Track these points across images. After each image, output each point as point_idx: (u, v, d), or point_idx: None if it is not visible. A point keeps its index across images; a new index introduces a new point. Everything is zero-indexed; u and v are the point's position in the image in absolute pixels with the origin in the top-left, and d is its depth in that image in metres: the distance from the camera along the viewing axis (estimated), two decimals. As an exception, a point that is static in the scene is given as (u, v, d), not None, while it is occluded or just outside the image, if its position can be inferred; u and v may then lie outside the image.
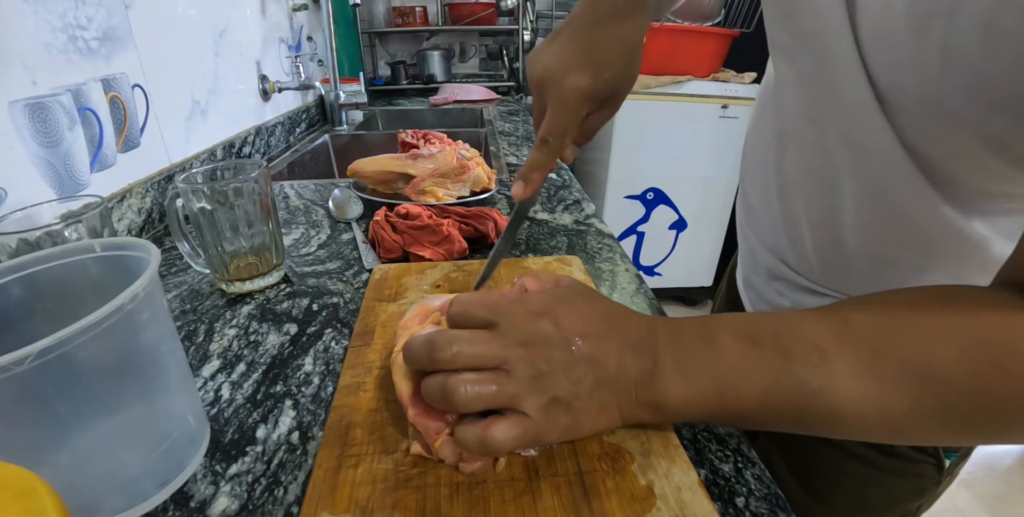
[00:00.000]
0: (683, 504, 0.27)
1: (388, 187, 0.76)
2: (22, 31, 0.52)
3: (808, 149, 0.41)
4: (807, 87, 0.38)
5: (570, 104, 0.38)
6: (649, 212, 2.01)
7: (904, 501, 0.50)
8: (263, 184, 0.50)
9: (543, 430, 0.28)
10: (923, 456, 0.47)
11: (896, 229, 0.38)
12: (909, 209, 0.36)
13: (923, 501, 0.50)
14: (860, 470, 0.49)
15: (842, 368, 0.26)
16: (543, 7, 2.18)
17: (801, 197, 0.44)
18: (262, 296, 0.52)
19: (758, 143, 0.50)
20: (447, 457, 0.30)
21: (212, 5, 0.91)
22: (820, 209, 0.42)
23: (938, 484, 0.49)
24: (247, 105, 1.04)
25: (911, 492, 0.49)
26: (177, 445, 0.31)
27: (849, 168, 0.38)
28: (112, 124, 0.63)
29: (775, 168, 0.46)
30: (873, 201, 0.38)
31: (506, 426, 0.27)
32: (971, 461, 1.49)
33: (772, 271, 0.51)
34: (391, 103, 1.78)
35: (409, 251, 0.58)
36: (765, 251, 0.52)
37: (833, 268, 0.44)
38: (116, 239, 0.32)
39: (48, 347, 0.22)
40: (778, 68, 0.42)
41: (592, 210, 0.73)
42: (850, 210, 0.40)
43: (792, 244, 0.47)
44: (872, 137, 0.35)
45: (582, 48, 0.39)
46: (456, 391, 0.27)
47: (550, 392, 0.28)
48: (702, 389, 0.28)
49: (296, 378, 0.40)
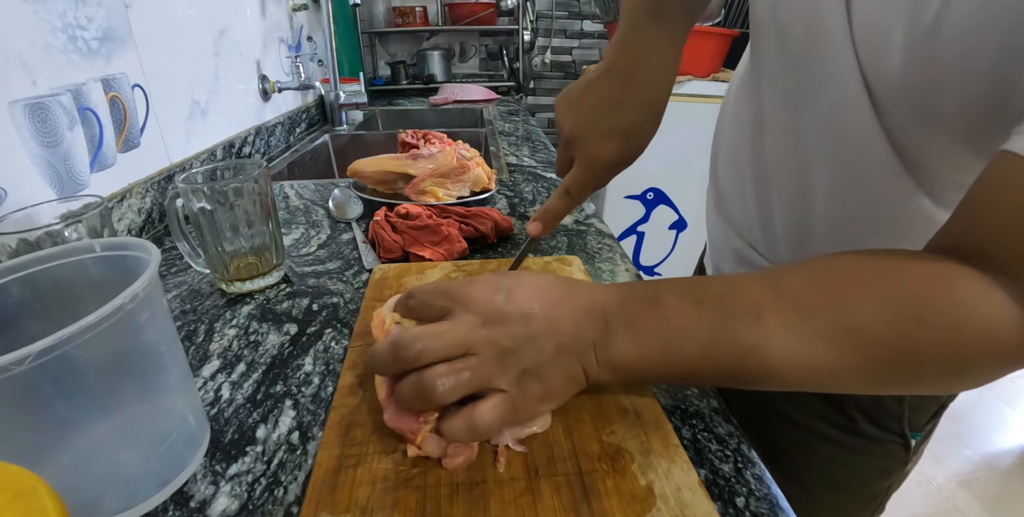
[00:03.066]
0: (683, 504, 0.27)
1: (388, 187, 0.76)
2: (22, 31, 0.52)
3: (786, 135, 0.42)
4: (790, 72, 0.39)
5: (597, 168, 0.42)
6: (649, 212, 2.01)
7: (874, 481, 0.51)
8: (263, 184, 0.50)
9: (519, 402, 0.29)
10: (889, 435, 0.48)
11: (868, 216, 0.40)
12: (882, 196, 0.38)
13: (892, 481, 0.51)
14: (826, 450, 0.50)
15: (775, 326, 0.28)
16: (543, 7, 2.18)
17: (776, 182, 0.45)
18: (262, 296, 0.52)
19: (732, 131, 0.51)
20: (432, 452, 0.30)
21: (212, 5, 0.91)
22: (793, 195, 0.43)
23: (905, 463, 0.50)
24: (247, 105, 1.04)
25: (879, 471, 0.51)
26: (177, 445, 0.31)
27: (827, 154, 0.39)
28: (112, 124, 0.63)
29: (751, 154, 0.47)
30: (847, 187, 0.39)
31: (488, 407, 0.28)
32: (971, 461, 1.49)
33: (740, 255, 0.53)
34: (391, 103, 1.78)
35: (409, 251, 0.58)
36: (735, 236, 0.53)
37: (801, 253, 0.46)
38: (116, 239, 0.32)
39: (48, 347, 0.22)
40: (760, 54, 0.43)
41: (592, 210, 0.73)
42: (823, 195, 0.41)
43: (763, 229, 0.48)
44: (854, 122, 0.36)
45: (613, 110, 0.41)
46: (433, 387, 0.28)
47: (518, 365, 0.29)
48: (650, 349, 0.29)
49: (296, 378, 0.40)
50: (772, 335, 0.28)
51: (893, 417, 0.47)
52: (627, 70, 0.41)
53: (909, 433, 0.48)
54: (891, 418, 0.47)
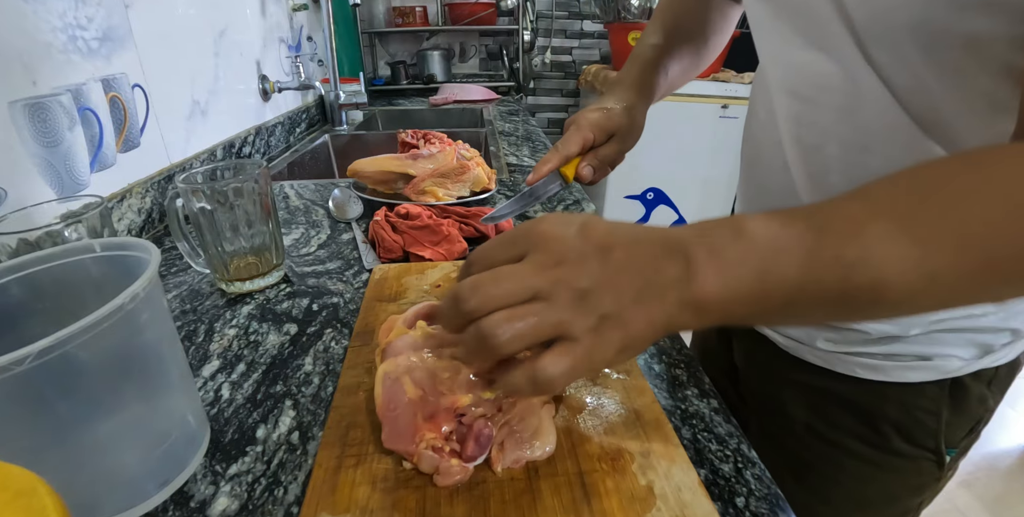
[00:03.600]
0: (683, 504, 0.27)
1: (388, 187, 0.76)
2: (22, 31, 0.52)
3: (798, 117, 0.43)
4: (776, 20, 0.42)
5: (581, 126, 0.50)
6: (649, 212, 2.01)
7: (905, 498, 0.50)
8: (263, 184, 0.50)
9: (595, 352, 0.25)
10: (922, 452, 0.46)
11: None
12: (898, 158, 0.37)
13: (924, 497, 0.50)
14: (858, 468, 0.48)
15: (879, 235, 0.24)
16: (543, 7, 2.18)
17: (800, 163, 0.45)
18: (262, 296, 0.52)
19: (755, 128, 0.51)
20: (428, 471, 0.30)
21: (212, 5, 0.91)
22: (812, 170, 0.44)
23: (938, 480, 0.48)
24: (247, 105, 1.04)
25: (911, 489, 0.49)
26: (177, 445, 0.31)
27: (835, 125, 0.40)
28: (112, 124, 0.63)
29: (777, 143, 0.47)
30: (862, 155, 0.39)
31: (554, 357, 0.25)
32: (971, 461, 1.48)
33: None
34: (391, 103, 1.78)
35: (409, 251, 0.58)
36: None
37: None
38: (116, 239, 0.32)
39: (48, 347, 0.22)
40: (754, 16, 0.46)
41: (592, 210, 0.73)
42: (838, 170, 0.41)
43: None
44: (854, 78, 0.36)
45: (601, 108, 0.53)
46: (492, 335, 0.24)
47: (598, 310, 0.25)
48: (740, 281, 0.26)
49: (296, 378, 0.40)
50: (878, 246, 0.24)
51: (928, 433, 0.46)
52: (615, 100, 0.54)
53: (944, 449, 0.46)
54: (926, 434, 0.46)
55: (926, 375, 0.44)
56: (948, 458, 0.47)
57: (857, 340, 0.45)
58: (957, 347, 0.44)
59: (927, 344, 0.44)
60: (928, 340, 0.44)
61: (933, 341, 0.44)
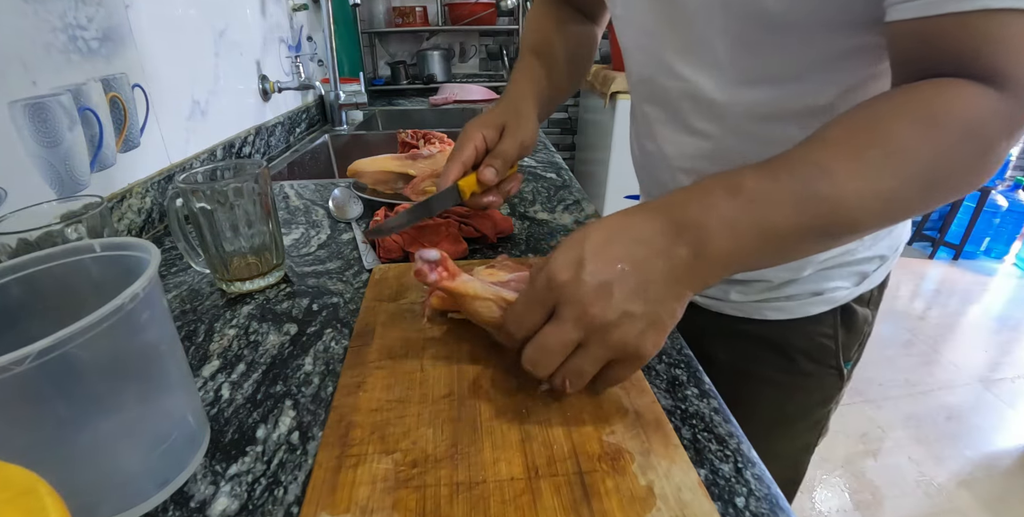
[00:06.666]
0: (683, 504, 0.27)
1: (388, 187, 0.76)
2: (22, 31, 0.52)
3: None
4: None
5: (466, 132, 0.51)
6: (649, 212, 2.00)
7: (816, 409, 0.60)
8: (263, 184, 0.50)
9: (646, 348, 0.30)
10: (826, 370, 0.56)
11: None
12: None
13: (830, 407, 0.60)
14: (776, 392, 0.58)
15: (843, 176, 0.29)
16: (543, 7, 2.18)
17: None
18: (262, 296, 0.52)
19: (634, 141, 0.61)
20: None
21: (212, 5, 0.91)
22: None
23: (840, 389, 0.58)
24: (247, 105, 1.04)
25: (820, 401, 0.59)
26: (177, 445, 0.31)
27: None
28: (112, 124, 0.63)
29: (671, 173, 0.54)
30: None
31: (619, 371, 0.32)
32: (971, 461, 1.49)
33: None
34: (391, 103, 1.78)
35: (409, 251, 0.58)
36: None
37: None
38: (116, 239, 0.32)
39: (48, 347, 0.22)
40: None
41: (592, 210, 0.73)
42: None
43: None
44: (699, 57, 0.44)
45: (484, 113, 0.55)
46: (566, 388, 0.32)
47: (637, 324, 0.29)
48: (747, 237, 0.30)
49: (296, 378, 0.40)
50: (844, 184, 0.29)
51: (830, 353, 0.55)
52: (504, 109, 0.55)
53: (843, 364, 0.56)
54: (828, 354, 0.55)
55: (822, 307, 0.53)
56: (846, 370, 0.57)
57: (763, 288, 0.54)
58: (841, 279, 0.52)
59: (818, 281, 0.52)
60: (819, 277, 0.52)
61: (822, 278, 0.52)
